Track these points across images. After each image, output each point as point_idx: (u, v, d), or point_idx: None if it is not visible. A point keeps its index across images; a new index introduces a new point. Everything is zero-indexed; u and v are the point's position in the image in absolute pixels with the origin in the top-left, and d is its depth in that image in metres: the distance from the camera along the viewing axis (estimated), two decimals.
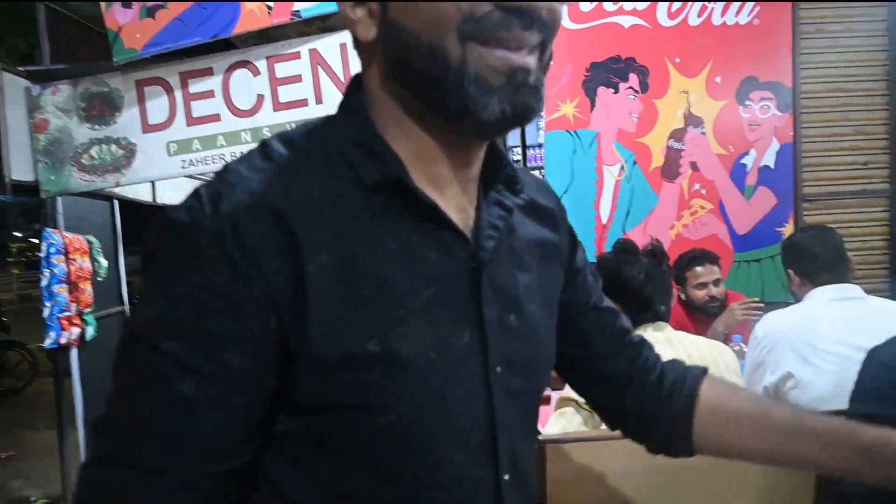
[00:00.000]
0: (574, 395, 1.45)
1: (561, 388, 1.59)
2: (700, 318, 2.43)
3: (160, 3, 2.85)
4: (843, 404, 1.16)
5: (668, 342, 1.47)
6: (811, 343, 1.68)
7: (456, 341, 0.51)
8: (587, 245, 2.85)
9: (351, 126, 0.53)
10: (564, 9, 0.53)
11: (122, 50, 2.88)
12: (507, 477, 0.55)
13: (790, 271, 1.93)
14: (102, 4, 2.91)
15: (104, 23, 2.89)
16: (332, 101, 2.96)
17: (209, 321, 0.45)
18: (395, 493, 0.50)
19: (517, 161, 4.77)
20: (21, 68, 3.21)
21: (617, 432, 0.77)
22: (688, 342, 1.50)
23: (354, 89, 0.55)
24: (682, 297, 2.45)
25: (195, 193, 0.48)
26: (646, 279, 1.51)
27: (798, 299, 1.90)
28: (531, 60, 0.50)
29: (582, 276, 0.72)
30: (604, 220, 2.99)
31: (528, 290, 0.59)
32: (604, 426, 1.10)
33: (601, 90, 2.94)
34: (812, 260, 1.87)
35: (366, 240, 0.49)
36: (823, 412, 0.73)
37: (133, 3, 2.87)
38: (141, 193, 4.39)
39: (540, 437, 1.26)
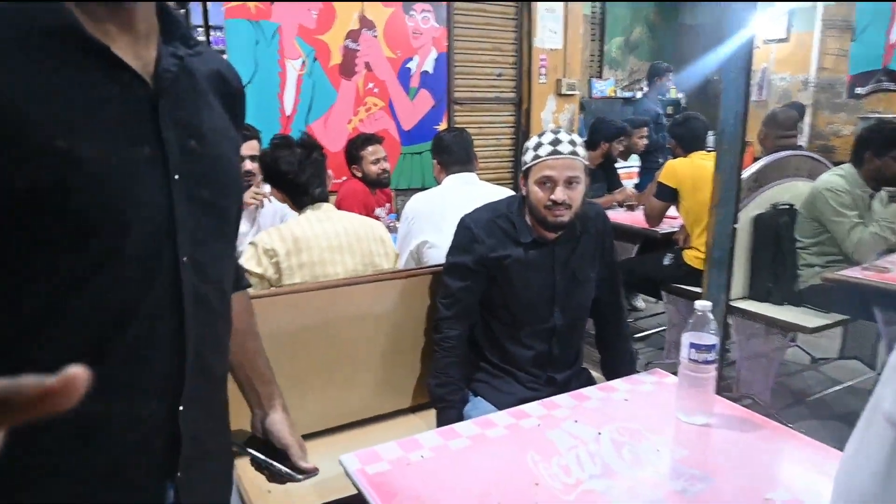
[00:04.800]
0: (245, 265, 1.68)
1: None
2: (375, 189, 2.83)
3: None
4: None
5: (329, 220, 1.78)
6: (442, 215, 2.19)
7: (135, 154, 0.67)
8: (271, 133, 3.04)
9: None
10: None
11: None
12: (185, 259, 0.72)
13: (434, 161, 2.43)
14: None
15: None
16: None
17: None
18: (89, 265, 0.65)
19: (202, 40, 4.54)
20: None
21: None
22: (344, 218, 1.84)
23: None
24: (359, 174, 2.81)
25: None
26: (299, 168, 1.78)
27: (438, 183, 2.42)
28: None
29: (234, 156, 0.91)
30: (287, 111, 3.17)
31: (211, 125, 0.77)
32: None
33: None
34: (449, 154, 2.38)
35: (50, 72, 0.63)
36: None
37: None
38: None
39: None
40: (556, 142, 1.50)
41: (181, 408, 0.74)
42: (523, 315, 1.58)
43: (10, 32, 0.63)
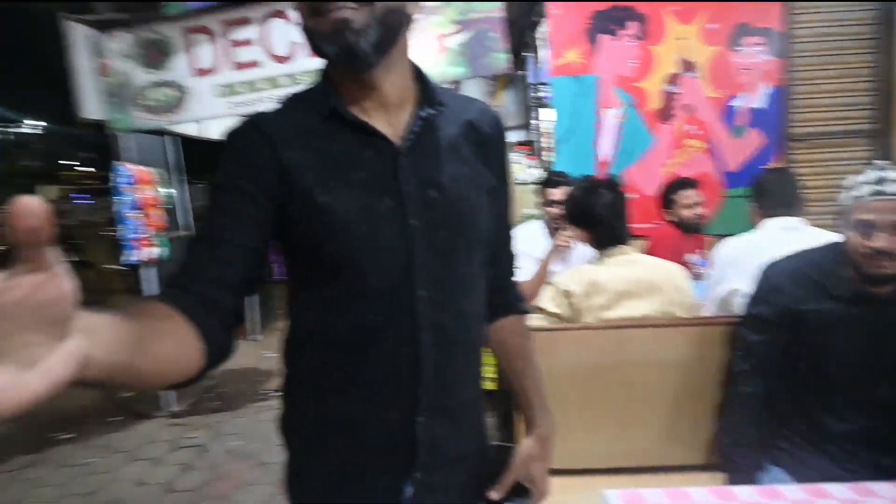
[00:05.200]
0: (544, 305, 1.84)
1: None
2: (688, 234, 2.76)
3: None
4: None
5: (628, 264, 1.82)
6: (755, 262, 2.03)
7: (378, 204, 0.85)
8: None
9: (319, 84, 0.91)
10: None
11: (173, 4, 3.24)
12: (422, 292, 0.87)
13: (752, 204, 2.27)
14: None
15: None
16: None
17: (230, 184, 0.85)
18: (342, 290, 0.86)
19: (540, 96, 5.02)
20: (85, 17, 3.58)
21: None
22: (644, 263, 1.86)
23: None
24: (672, 218, 2.77)
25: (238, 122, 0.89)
26: (603, 211, 1.86)
27: (753, 227, 2.24)
28: (345, 13, 0.78)
29: (498, 199, 1.02)
30: (601, 157, 3.31)
31: (459, 175, 0.91)
32: None
33: (602, 37, 3.19)
34: (769, 196, 2.19)
35: (322, 146, 0.86)
36: None
37: None
38: (191, 130, 4.80)
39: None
40: (881, 180, 1.30)
41: (419, 419, 0.90)
42: (838, 381, 1.38)
43: (296, 118, 0.89)
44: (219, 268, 0.81)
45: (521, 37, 4.69)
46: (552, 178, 2.71)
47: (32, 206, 0.38)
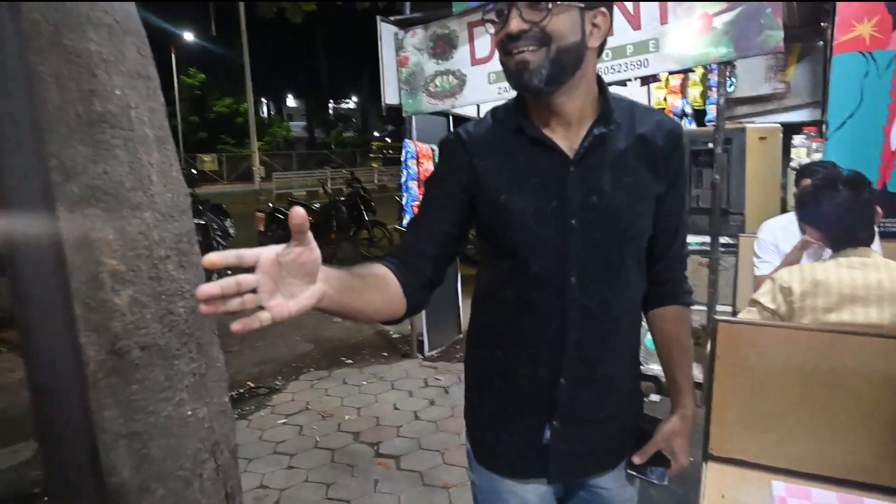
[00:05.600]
0: (760, 299, 1.81)
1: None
2: None
3: None
4: None
5: (863, 267, 1.68)
6: None
7: (546, 206, 1.06)
8: (870, 171, 2.88)
9: (513, 102, 1.13)
10: (554, 22, 0.98)
11: (459, 4, 3.72)
12: (573, 279, 1.07)
13: None
14: None
15: None
16: (622, 34, 3.37)
17: (438, 180, 1.14)
18: (512, 269, 1.10)
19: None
20: (391, 18, 4.32)
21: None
22: (885, 268, 1.68)
23: None
24: None
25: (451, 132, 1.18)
26: (842, 210, 1.72)
27: None
28: (524, 55, 0.99)
29: (669, 203, 1.16)
30: (894, 146, 2.88)
31: (621, 185, 1.07)
32: None
33: None
34: None
35: (509, 156, 1.08)
36: None
37: None
38: (468, 111, 5.39)
39: (715, 317, 1.71)
40: None
41: (561, 380, 1.10)
42: None
43: (490, 134, 1.12)
44: (422, 244, 1.11)
45: (818, 4, 4.19)
46: (807, 168, 2.50)
47: (299, 213, 0.69)
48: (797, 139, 5.44)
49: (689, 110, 5.42)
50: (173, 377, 1.21)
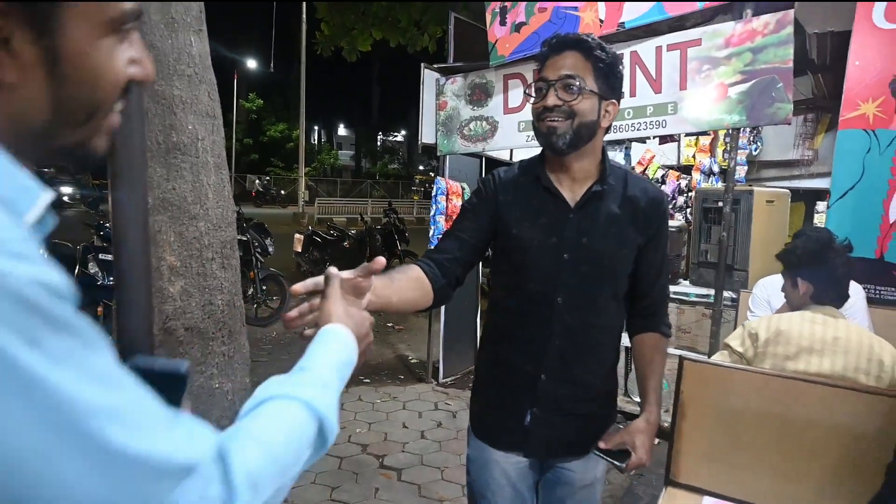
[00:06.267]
0: (730, 343, 1.99)
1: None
2: None
3: (524, 21, 3.90)
4: None
5: (824, 324, 1.84)
6: None
7: (547, 241, 1.35)
8: (868, 241, 3.04)
9: (537, 157, 1.42)
10: (580, 103, 1.30)
11: (495, 56, 4.05)
12: (560, 299, 1.35)
13: None
14: (487, 20, 4.10)
15: (487, 35, 4.08)
16: (644, 95, 3.63)
17: (472, 205, 1.44)
18: (515, 285, 1.39)
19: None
20: (434, 65, 4.68)
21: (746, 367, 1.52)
22: (842, 328, 1.84)
23: None
24: None
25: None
26: (842, 271, 1.90)
27: None
28: (554, 123, 1.30)
29: (648, 254, 1.43)
30: (892, 219, 3.02)
31: (607, 233, 1.36)
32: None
33: None
34: None
35: (525, 198, 1.38)
36: None
37: (507, 21, 3.98)
38: (500, 154, 5.69)
39: (682, 354, 1.91)
40: None
41: (542, 376, 1.35)
42: None
43: (514, 178, 1.40)
44: (452, 250, 1.40)
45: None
46: (802, 232, 2.67)
47: (380, 262, 0.97)
48: (821, 205, 5.56)
49: (716, 168, 5.61)
50: (208, 355, 1.50)
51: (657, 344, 1.52)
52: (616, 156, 4.85)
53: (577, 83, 1.30)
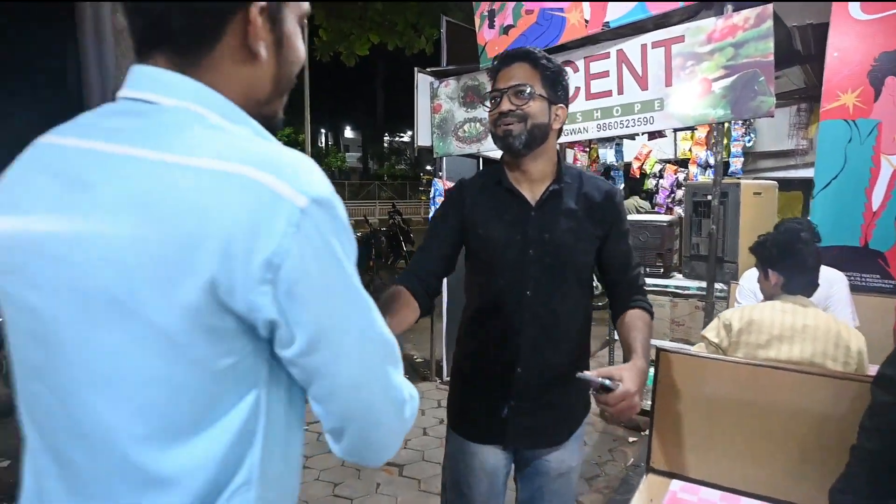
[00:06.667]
0: (706, 334, 2.07)
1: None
2: None
3: (512, 24, 3.98)
4: None
5: (794, 313, 1.90)
6: None
7: (514, 239, 1.45)
8: (853, 229, 3.09)
9: (499, 163, 1.53)
10: (530, 107, 1.39)
11: (485, 59, 4.13)
12: (528, 292, 1.44)
13: None
14: (476, 24, 4.17)
15: (476, 39, 4.16)
16: (631, 93, 3.69)
17: (442, 214, 1.55)
18: (486, 282, 1.49)
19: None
20: (427, 69, 4.76)
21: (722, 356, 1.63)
22: (810, 316, 1.90)
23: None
24: None
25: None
26: (811, 261, 1.97)
27: None
28: (509, 126, 1.41)
29: (611, 243, 1.53)
30: (874, 207, 3.08)
31: (566, 227, 1.45)
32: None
33: (889, 80, 2.98)
34: None
35: (490, 200, 1.48)
36: None
37: (496, 24, 4.06)
38: (496, 155, 5.78)
39: (658, 345, 1.98)
40: None
41: (518, 369, 1.43)
42: None
43: (479, 183, 1.50)
44: (427, 264, 1.52)
45: None
46: (781, 223, 2.73)
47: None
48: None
49: (712, 161, 5.66)
50: None
51: (641, 315, 1.52)
52: (608, 153, 4.91)
53: (528, 89, 1.42)
